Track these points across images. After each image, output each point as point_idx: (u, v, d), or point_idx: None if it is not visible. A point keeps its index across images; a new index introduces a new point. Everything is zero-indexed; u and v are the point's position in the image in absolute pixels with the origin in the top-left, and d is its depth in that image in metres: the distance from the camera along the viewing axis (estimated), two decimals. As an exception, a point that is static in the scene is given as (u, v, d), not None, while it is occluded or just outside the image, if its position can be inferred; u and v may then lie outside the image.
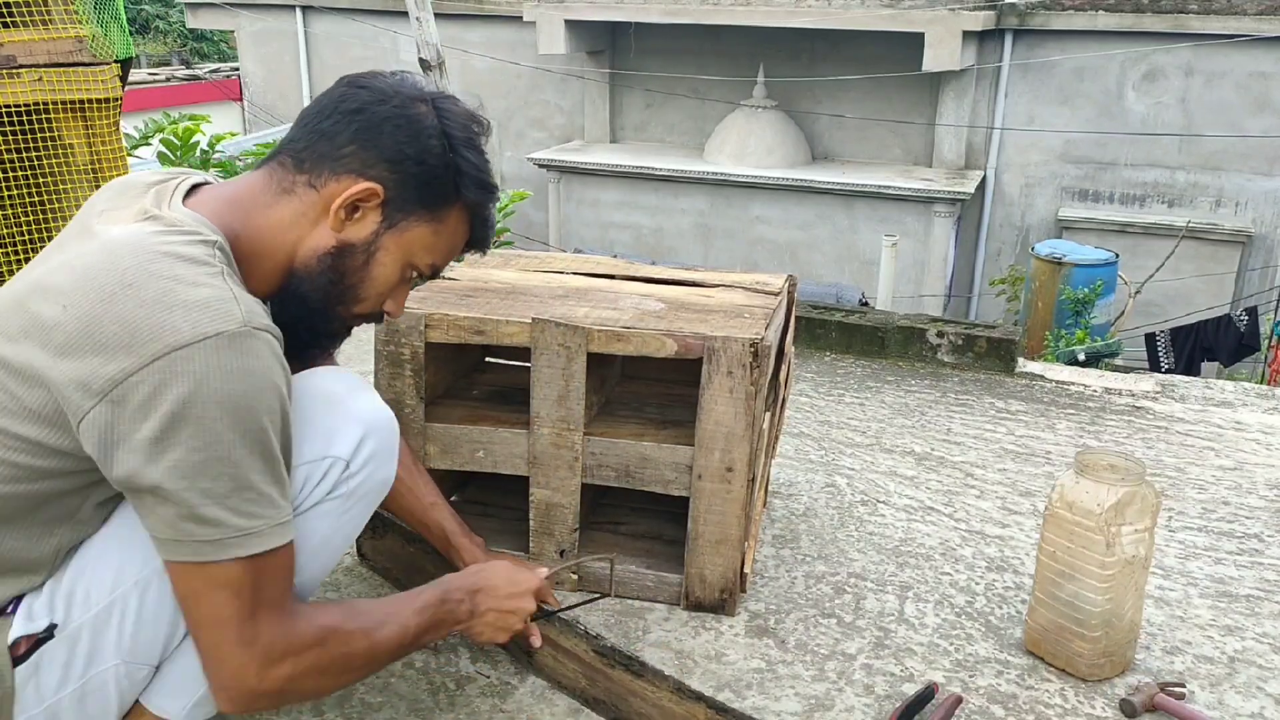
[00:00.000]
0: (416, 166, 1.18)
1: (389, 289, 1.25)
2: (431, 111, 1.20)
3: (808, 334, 3.46)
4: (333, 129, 1.18)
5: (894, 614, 1.81)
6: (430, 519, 1.58)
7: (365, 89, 1.19)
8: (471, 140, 1.23)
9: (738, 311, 1.78)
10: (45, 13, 2.05)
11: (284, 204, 1.18)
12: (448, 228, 1.24)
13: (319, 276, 1.19)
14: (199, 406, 0.99)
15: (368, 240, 1.20)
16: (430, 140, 1.19)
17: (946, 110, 10.00)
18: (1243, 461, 2.62)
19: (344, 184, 1.17)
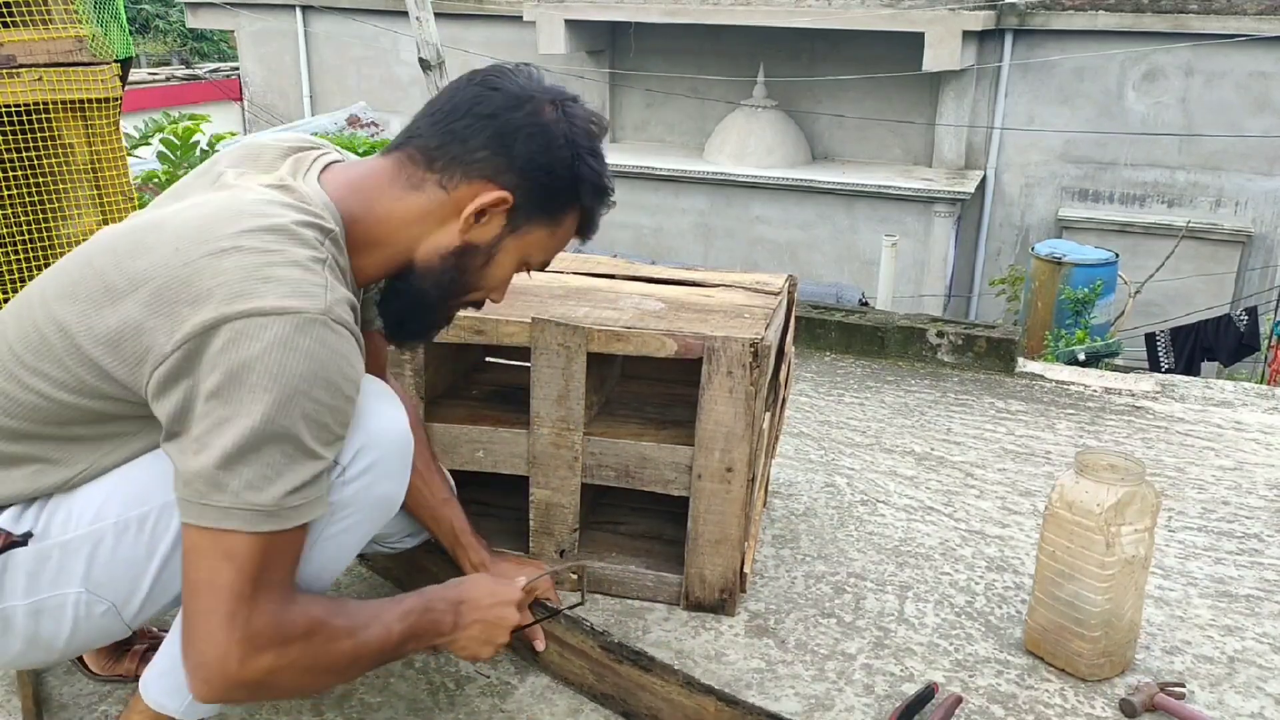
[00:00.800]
0: (546, 176, 1.21)
1: (503, 284, 1.29)
2: (561, 118, 1.22)
3: (808, 334, 3.46)
4: (465, 131, 1.19)
5: (894, 614, 1.81)
6: (441, 514, 1.58)
7: (499, 91, 1.21)
8: (594, 147, 1.25)
9: (738, 311, 1.78)
10: (45, 12, 2.05)
11: (411, 199, 1.20)
12: (564, 228, 1.27)
13: (441, 274, 1.23)
14: (257, 374, 1.01)
15: (490, 243, 1.23)
16: (560, 151, 1.21)
17: (946, 110, 10.00)
18: (1242, 461, 2.62)
19: (475, 189, 1.19)
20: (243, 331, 1.01)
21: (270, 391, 1.01)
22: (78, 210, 2.09)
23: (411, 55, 5.40)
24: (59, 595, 1.14)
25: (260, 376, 1.01)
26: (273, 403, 1.02)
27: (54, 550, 1.13)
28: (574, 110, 1.24)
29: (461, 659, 1.38)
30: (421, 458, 1.55)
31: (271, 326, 1.01)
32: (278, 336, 1.01)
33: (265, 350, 1.01)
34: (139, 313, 1.04)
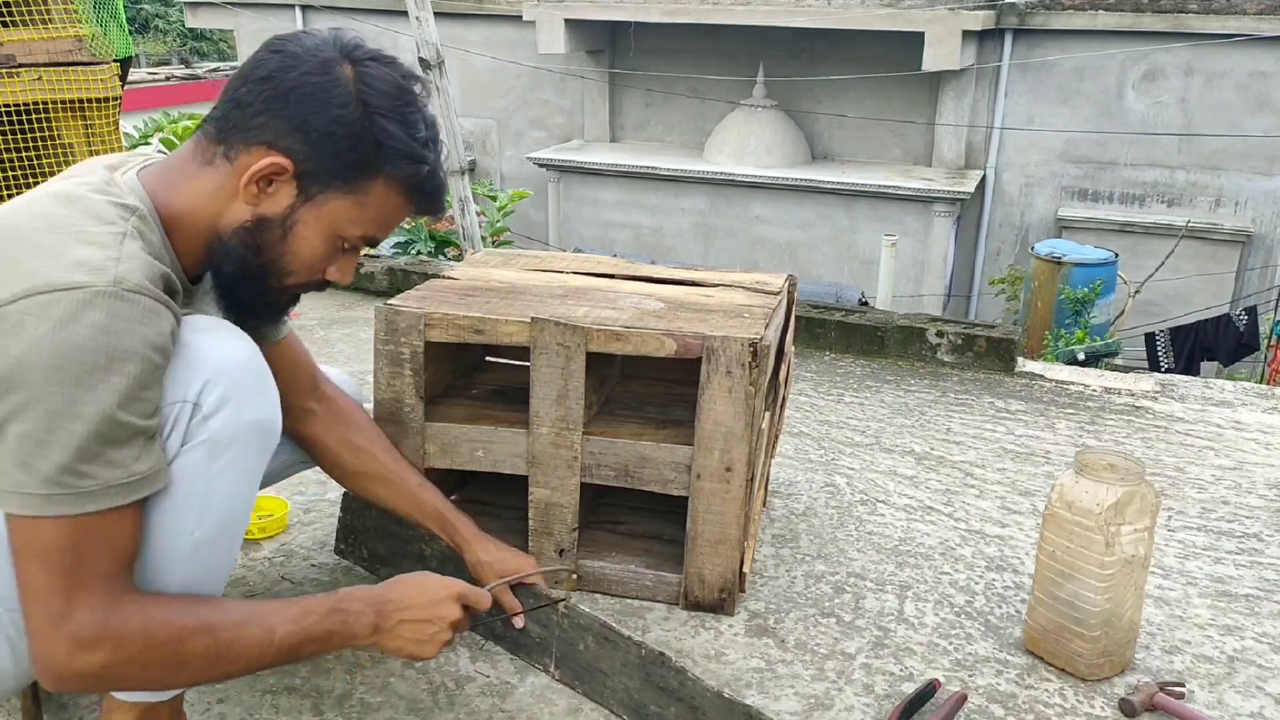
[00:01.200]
0: (326, 138, 1.13)
1: (317, 261, 1.21)
2: (352, 76, 1.15)
3: (807, 334, 3.46)
4: (246, 97, 1.14)
5: (893, 613, 1.81)
6: (422, 498, 1.58)
7: (279, 53, 1.15)
8: (397, 108, 1.16)
9: (737, 311, 1.78)
10: (45, 12, 2.05)
11: (204, 176, 1.16)
12: (373, 199, 1.19)
13: (237, 250, 1.17)
14: (46, 352, 0.98)
15: (283, 214, 1.16)
16: (340, 109, 1.13)
17: (946, 110, 10.00)
18: (1242, 461, 2.62)
19: (254, 156, 1.13)
20: (25, 312, 0.98)
21: (66, 370, 0.98)
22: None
23: (411, 55, 5.40)
24: None
25: (51, 356, 0.98)
26: (71, 380, 0.99)
27: None
28: (371, 70, 1.16)
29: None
30: (384, 449, 1.59)
31: (56, 305, 0.98)
32: (64, 315, 0.98)
33: (51, 330, 0.98)
34: None
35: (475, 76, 11.63)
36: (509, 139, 11.95)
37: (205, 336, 1.15)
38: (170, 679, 1.11)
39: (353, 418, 1.61)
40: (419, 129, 1.19)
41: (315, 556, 1.90)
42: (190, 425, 1.12)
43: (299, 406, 1.52)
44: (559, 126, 11.74)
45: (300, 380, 1.53)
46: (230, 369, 1.15)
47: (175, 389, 1.11)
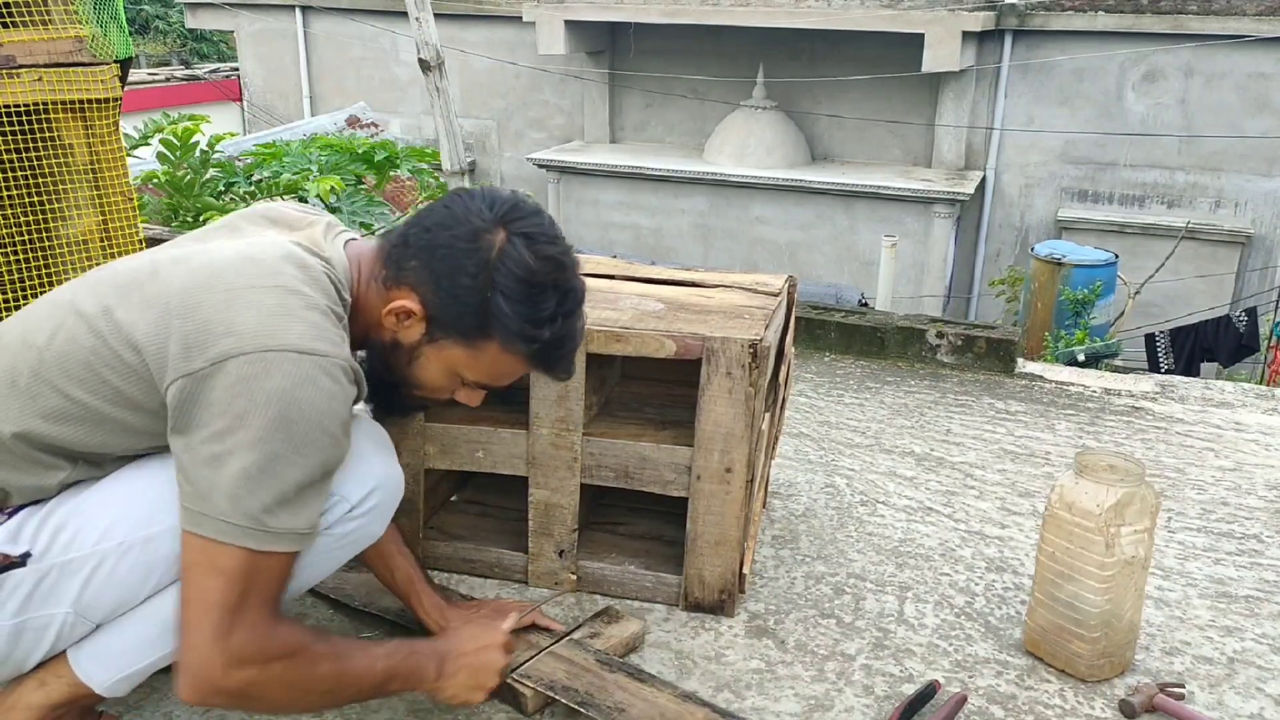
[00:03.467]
0: (452, 298, 1.26)
1: (439, 388, 1.36)
2: (497, 248, 1.25)
3: (807, 334, 3.46)
4: (412, 239, 1.28)
5: (893, 614, 1.81)
6: (396, 564, 1.59)
7: (448, 208, 1.29)
8: (521, 290, 1.25)
9: (737, 312, 1.78)
10: (45, 13, 2.05)
11: (371, 290, 1.31)
12: (487, 356, 1.30)
13: (375, 359, 1.35)
14: (285, 403, 1.10)
15: (412, 346, 1.31)
16: (465, 277, 1.25)
17: (946, 111, 10.00)
18: (1242, 462, 2.61)
19: (398, 294, 1.28)
20: (273, 363, 1.11)
21: (298, 424, 1.11)
22: (77, 211, 2.09)
23: (411, 56, 5.41)
24: (46, 615, 1.17)
25: (289, 408, 1.10)
26: (299, 435, 1.11)
27: (53, 570, 1.16)
28: (517, 246, 1.26)
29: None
30: None
31: (300, 364, 1.12)
32: (306, 374, 1.12)
33: (294, 385, 1.11)
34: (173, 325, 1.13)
35: (475, 77, 11.63)
36: (509, 140, 11.95)
37: (379, 450, 1.38)
38: (298, 700, 1.21)
39: None
40: (543, 309, 1.27)
41: (315, 557, 1.90)
42: (341, 518, 1.30)
43: None
44: (559, 127, 11.74)
45: None
46: (391, 488, 1.38)
47: (345, 485, 1.29)
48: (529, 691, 1.47)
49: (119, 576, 1.18)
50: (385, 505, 1.37)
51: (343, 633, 1.66)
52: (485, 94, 11.83)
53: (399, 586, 1.59)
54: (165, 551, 1.18)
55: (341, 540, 1.32)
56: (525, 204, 1.31)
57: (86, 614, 1.19)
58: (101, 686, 1.23)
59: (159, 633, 1.22)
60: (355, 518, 1.31)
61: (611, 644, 1.60)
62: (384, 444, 1.42)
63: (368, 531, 1.36)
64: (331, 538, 1.29)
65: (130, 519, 1.18)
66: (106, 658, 1.22)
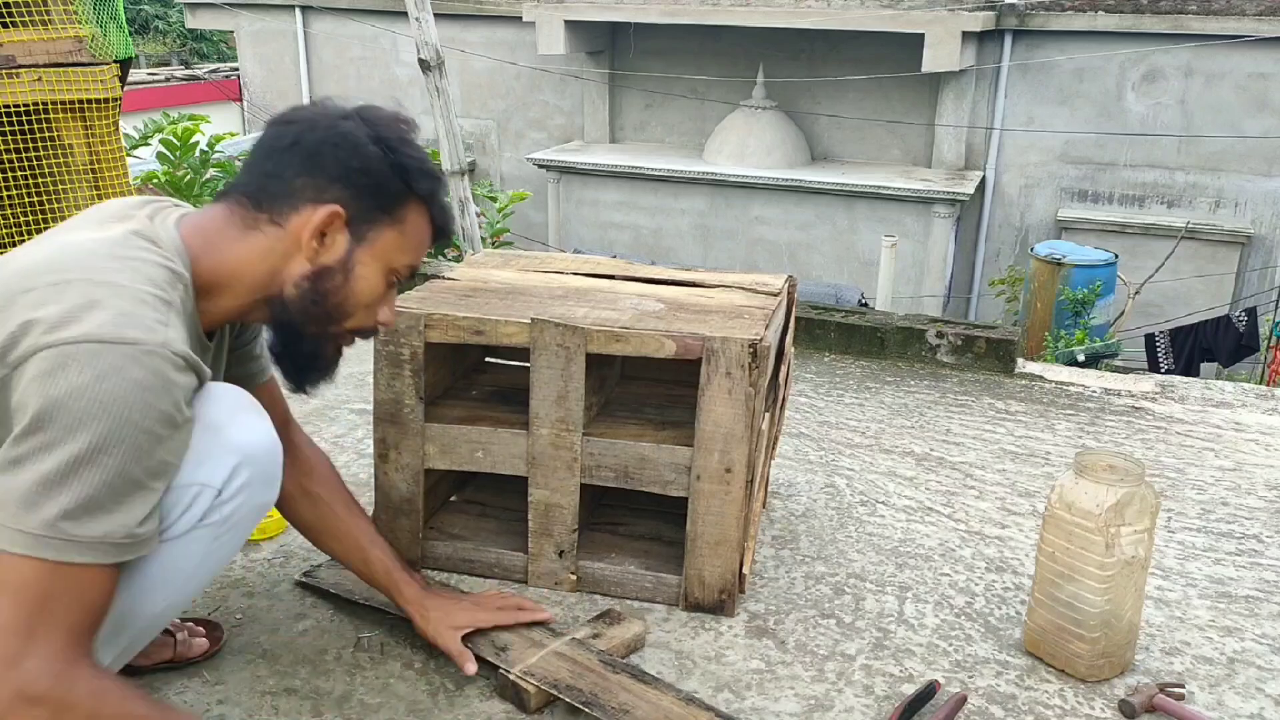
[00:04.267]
0: (365, 177, 1.24)
1: (375, 299, 1.30)
2: (360, 124, 1.26)
3: (807, 334, 3.46)
4: (276, 168, 1.24)
5: (893, 615, 1.81)
6: (371, 556, 1.58)
7: (293, 123, 1.25)
8: (404, 138, 1.28)
9: (737, 312, 1.78)
10: (45, 13, 2.05)
11: (251, 240, 1.24)
12: (411, 225, 1.29)
13: (302, 301, 1.26)
14: (85, 399, 1.01)
15: (343, 259, 1.26)
16: (369, 149, 1.24)
17: (946, 111, 10.00)
18: (1242, 462, 2.61)
19: (305, 215, 1.23)
20: (72, 356, 1.01)
21: (100, 420, 1.01)
22: (77, 211, 2.09)
23: (411, 56, 5.40)
24: None
25: (90, 404, 1.01)
26: (102, 432, 1.01)
27: None
28: (373, 113, 1.28)
29: None
30: (342, 501, 1.58)
31: (103, 354, 1.02)
32: (110, 365, 1.02)
33: (96, 378, 1.01)
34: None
35: (475, 77, 11.63)
36: (509, 140, 11.95)
37: (233, 418, 1.23)
38: None
39: (315, 466, 1.60)
40: (425, 154, 1.30)
41: (315, 557, 1.90)
42: (211, 506, 1.19)
43: None
44: (559, 127, 11.74)
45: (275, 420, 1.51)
46: (258, 459, 1.24)
47: (201, 470, 1.17)
48: (531, 689, 1.47)
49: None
50: (261, 475, 1.25)
51: (340, 631, 1.66)
52: (485, 94, 11.83)
53: (378, 579, 1.58)
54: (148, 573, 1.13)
55: (223, 529, 1.22)
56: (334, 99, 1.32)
57: None
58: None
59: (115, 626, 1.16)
60: (228, 501, 1.21)
61: (613, 645, 1.60)
62: (240, 408, 1.25)
63: (250, 506, 1.25)
64: (209, 529, 1.20)
65: None
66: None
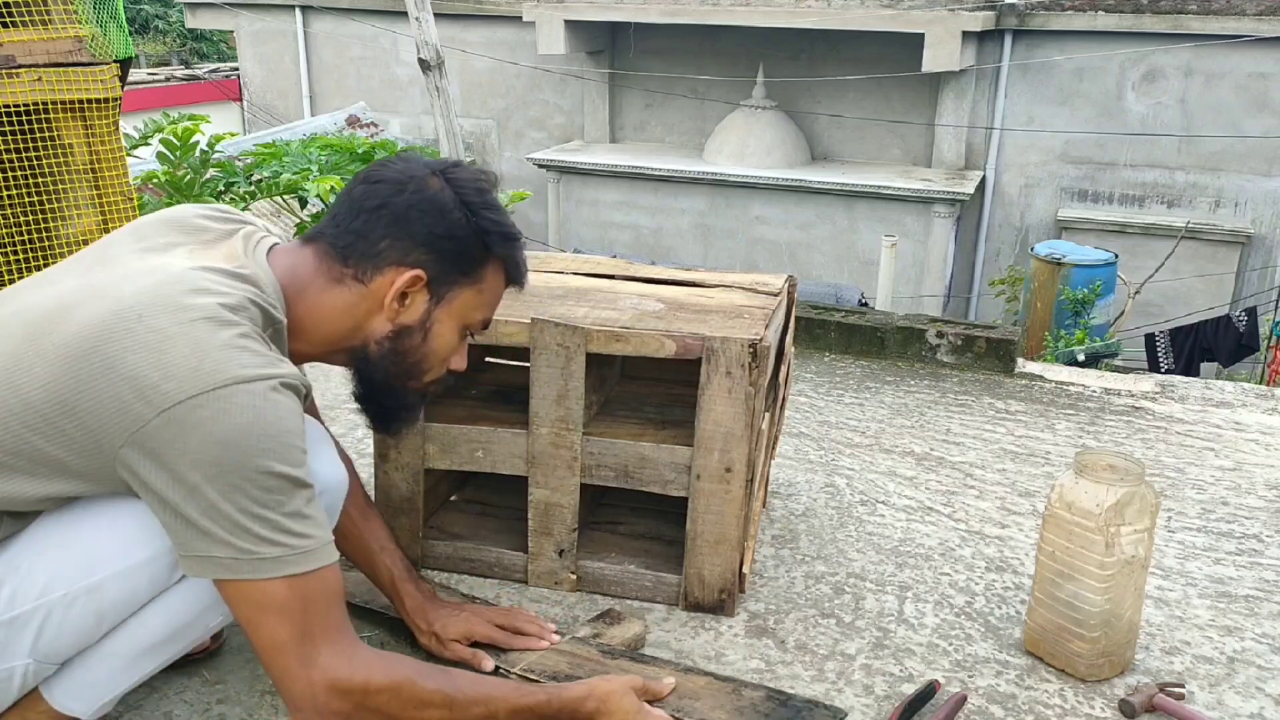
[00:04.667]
0: (449, 243, 1.28)
1: (450, 354, 1.36)
2: (444, 185, 1.29)
3: (807, 334, 3.46)
4: (364, 228, 1.27)
5: (893, 614, 1.81)
6: (379, 562, 1.58)
7: (381, 182, 1.28)
8: (486, 200, 1.31)
9: (737, 312, 1.78)
10: (44, 13, 2.05)
11: (335, 293, 1.28)
12: (488, 284, 1.34)
13: (384, 359, 1.31)
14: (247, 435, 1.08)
15: (422, 320, 1.30)
16: (454, 214, 1.28)
17: (946, 110, 10.00)
18: (1242, 462, 2.61)
19: (389, 276, 1.27)
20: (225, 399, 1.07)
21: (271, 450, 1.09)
22: (77, 211, 2.09)
23: (411, 56, 5.41)
24: (7, 668, 1.17)
25: (257, 439, 1.08)
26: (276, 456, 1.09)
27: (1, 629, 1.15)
28: (457, 174, 1.31)
29: None
30: (357, 505, 1.59)
31: (253, 391, 1.09)
32: (262, 398, 1.09)
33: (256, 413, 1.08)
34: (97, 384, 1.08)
35: (475, 77, 11.63)
36: (509, 139, 11.95)
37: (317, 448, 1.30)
38: None
39: None
40: (505, 213, 1.34)
41: (315, 557, 1.90)
42: None
43: None
44: (559, 127, 11.74)
45: None
46: (331, 490, 1.36)
47: None
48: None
49: (70, 624, 1.17)
50: (329, 506, 1.35)
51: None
52: (485, 94, 11.83)
53: (383, 585, 1.59)
54: (113, 596, 1.18)
55: None
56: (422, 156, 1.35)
57: (46, 660, 1.19)
58: (87, 715, 1.25)
59: (125, 664, 1.24)
60: None
61: (613, 644, 1.60)
62: (318, 440, 1.37)
63: None
64: None
65: (68, 571, 1.16)
66: (81, 690, 1.23)
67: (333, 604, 1.15)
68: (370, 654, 1.18)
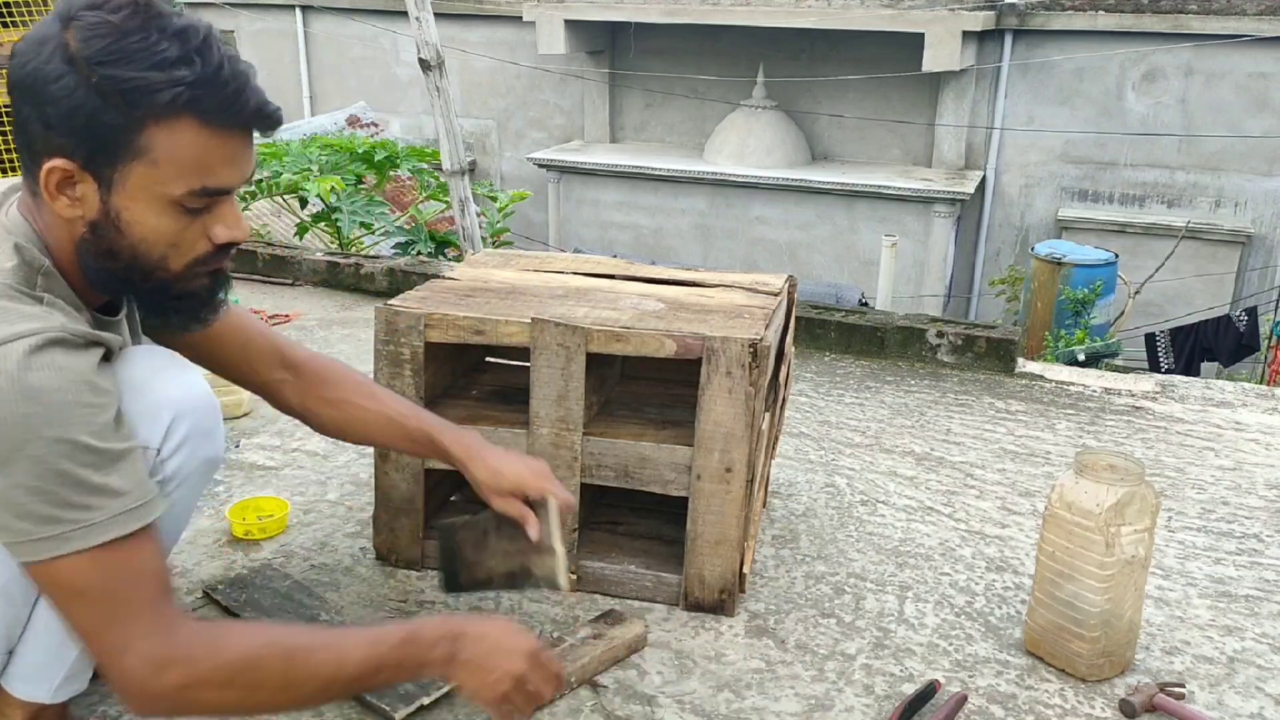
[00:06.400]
0: (68, 118, 1.03)
1: (174, 234, 1.10)
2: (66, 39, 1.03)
3: (807, 334, 3.46)
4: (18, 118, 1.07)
5: (894, 614, 1.81)
6: (410, 428, 1.51)
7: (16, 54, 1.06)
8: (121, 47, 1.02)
9: (737, 312, 1.78)
10: (44, 13, 2.05)
11: (41, 208, 1.11)
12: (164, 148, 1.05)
13: (97, 263, 1.11)
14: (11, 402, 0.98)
15: (104, 211, 1.08)
16: (60, 81, 1.02)
17: (946, 110, 10.00)
18: (1242, 462, 2.61)
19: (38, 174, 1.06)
20: None
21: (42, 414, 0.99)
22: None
23: (411, 55, 5.40)
24: None
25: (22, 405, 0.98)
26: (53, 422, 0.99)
27: None
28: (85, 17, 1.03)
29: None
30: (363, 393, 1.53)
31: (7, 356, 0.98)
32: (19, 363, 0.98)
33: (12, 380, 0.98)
34: None
35: (475, 77, 11.63)
36: (509, 139, 11.95)
37: (161, 375, 1.20)
38: (248, 701, 1.10)
39: (327, 375, 1.54)
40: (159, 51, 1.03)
41: (315, 557, 1.90)
42: (151, 468, 1.17)
43: (268, 380, 1.49)
44: (559, 127, 11.74)
45: (260, 354, 1.48)
46: (191, 410, 1.21)
47: (137, 433, 1.13)
48: None
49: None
50: (199, 427, 1.22)
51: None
52: (485, 94, 11.83)
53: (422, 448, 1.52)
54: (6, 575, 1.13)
55: (171, 486, 1.21)
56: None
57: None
58: (49, 696, 1.23)
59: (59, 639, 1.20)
60: (169, 458, 1.20)
61: (614, 645, 1.60)
62: (165, 364, 1.22)
63: (197, 460, 1.24)
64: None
65: None
66: (34, 673, 1.22)
67: (142, 578, 1.05)
68: (190, 624, 1.08)
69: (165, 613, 1.06)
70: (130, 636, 1.03)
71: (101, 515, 1.02)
